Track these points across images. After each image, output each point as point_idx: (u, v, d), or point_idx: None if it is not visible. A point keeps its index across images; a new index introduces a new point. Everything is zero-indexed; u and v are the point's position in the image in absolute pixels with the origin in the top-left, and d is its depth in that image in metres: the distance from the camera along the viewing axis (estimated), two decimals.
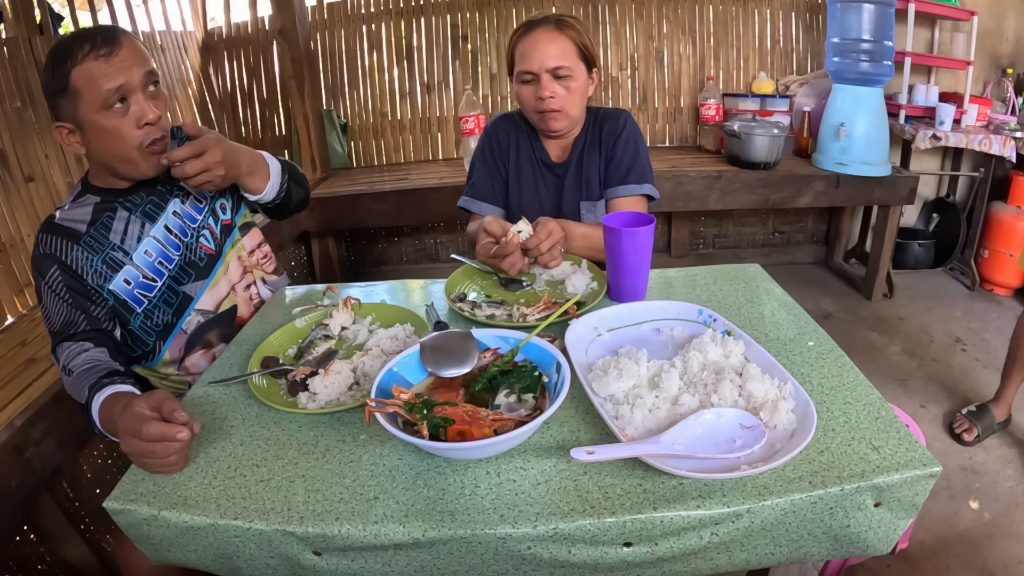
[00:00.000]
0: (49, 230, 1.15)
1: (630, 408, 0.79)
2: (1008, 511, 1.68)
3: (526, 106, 1.41)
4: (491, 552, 0.69)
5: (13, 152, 1.84)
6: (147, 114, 1.08)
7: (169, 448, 0.77)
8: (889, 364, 2.39)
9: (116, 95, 1.05)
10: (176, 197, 1.24)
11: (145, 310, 1.20)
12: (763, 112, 2.97)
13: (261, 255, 1.38)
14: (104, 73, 1.04)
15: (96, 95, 1.05)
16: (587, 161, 1.47)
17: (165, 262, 1.21)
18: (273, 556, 0.72)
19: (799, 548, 0.73)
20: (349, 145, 3.22)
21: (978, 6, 2.78)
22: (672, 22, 3.07)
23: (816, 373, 0.90)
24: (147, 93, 1.09)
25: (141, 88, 1.08)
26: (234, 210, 1.34)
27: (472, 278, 1.27)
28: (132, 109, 1.08)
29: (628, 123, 1.46)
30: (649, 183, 1.45)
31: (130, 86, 1.06)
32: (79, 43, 1.04)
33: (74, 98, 1.06)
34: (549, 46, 1.33)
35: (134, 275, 1.18)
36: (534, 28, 1.35)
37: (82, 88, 1.05)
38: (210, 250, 1.27)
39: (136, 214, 1.19)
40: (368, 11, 3.06)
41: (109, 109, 1.06)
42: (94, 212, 1.17)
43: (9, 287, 1.79)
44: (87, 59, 1.04)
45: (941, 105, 2.69)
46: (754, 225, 3.35)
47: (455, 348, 0.87)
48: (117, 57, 1.05)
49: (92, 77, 1.04)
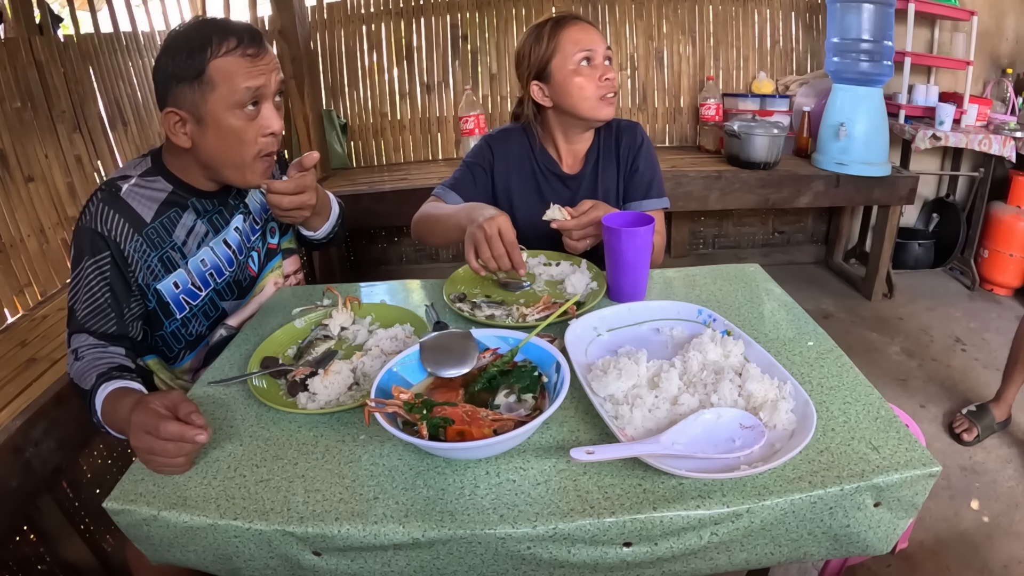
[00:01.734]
0: (112, 203, 1.07)
1: (630, 408, 0.79)
2: (1008, 511, 1.68)
3: (585, 91, 1.33)
4: (491, 552, 0.69)
5: (13, 152, 1.84)
6: (273, 124, 1.07)
7: (182, 449, 0.77)
8: (889, 364, 2.39)
9: (252, 96, 1.03)
10: (240, 213, 1.24)
11: (184, 317, 1.18)
12: (763, 112, 2.97)
13: (295, 281, 1.41)
14: (247, 72, 1.02)
15: (233, 91, 1.02)
16: (603, 173, 1.46)
17: (216, 274, 1.20)
18: (273, 556, 0.72)
19: (799, 548, 0.73)
20: (349, 145, 3.22)
21: (978, 6, 2.78)
22: (672, 22, 3.07)
23: (816, 373, 0.90)
24: (276, 103, 1.08)
25: (273, 96, 1.07)
26: (281, 234, 1.36)
27: (472, 278, 1.27)
28: (262, 114, 1.06)
29: (645, 137, 1.47)
30: (665, 196, 1.47)
31: (267, 91, 1.05)
32: (223, 35, 1.01)
33: (205, 89, 1.02)
34: (597, 33, 1.35)
35: (184, 280, 1.16)
36: (574, 20, 1.36)
37: (219, 81, 1.01)
38: (253, 272, 1.28)
39: (203, 220, 1.17)
40: (368, 11, 3.06)
41: (241, 109, 1.03)
42: (163, 204, 1.12)
43: (9, 287, 1.79)
44: (232, 53, 1.01)
45: (941, 105, 2.69)
46: (754, 225, 3.35)
47: (455, 348, 0.87)
48: (262, 60, 1.04)
49: (233, 73, 1.01)
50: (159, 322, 1.16)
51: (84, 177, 2.11)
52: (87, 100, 2.18)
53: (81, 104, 2.14)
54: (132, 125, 2.42)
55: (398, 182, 2.85)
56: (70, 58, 2.13)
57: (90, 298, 1.05)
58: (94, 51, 2.28)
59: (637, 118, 3.16)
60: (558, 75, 1.35)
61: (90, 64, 2.24)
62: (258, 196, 1.28)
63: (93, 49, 2.27)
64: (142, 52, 2.57)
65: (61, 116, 2.04)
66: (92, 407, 0.95)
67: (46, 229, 1.94)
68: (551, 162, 1.47)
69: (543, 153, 1.47)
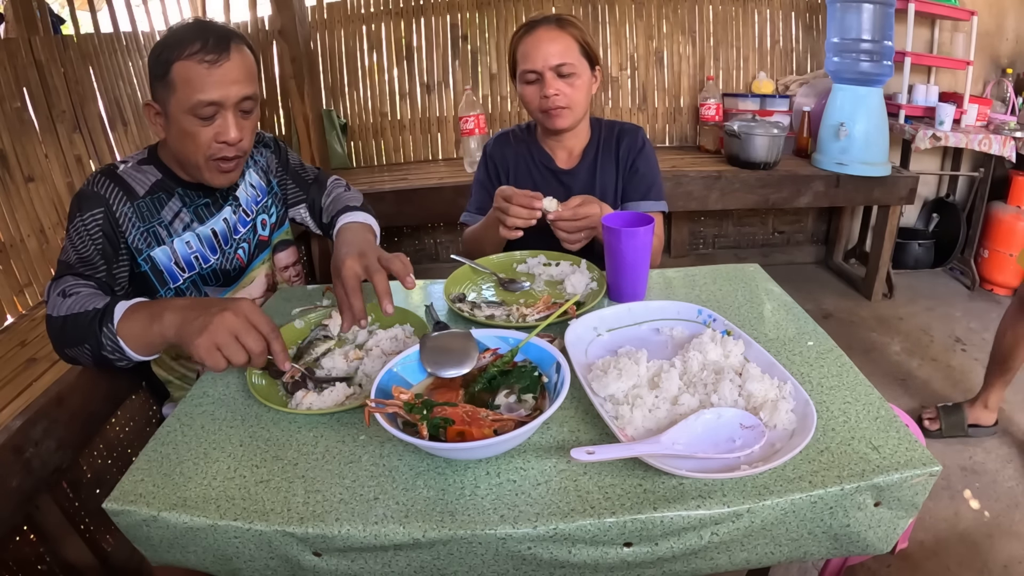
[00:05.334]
0: (108, 174, 1.12)
1: (630, 408, 0.79)
2: (1008, 511, 1.68)
3: (530, 106, 1.40)
4: (491, 552, 0.69)
5: (13, 152, 1.84)
6: (228, 133, 1.06)
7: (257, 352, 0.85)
8: (889, 364, 2.39)
9: (205, 109, 1.03)
10: (229, 206, 1.25)
11: (178, 288, 1.19)
12: (763, 112, 2.97)
13: (294, 272, 1.41)
14: (202, 81, 1.01)
15: (188, 99, 1.02)
16: (601, 171, 1.47)
17: (201, 260, 1.21)
18: (273, 557, 0.72)
19: (799, 548, 0.73)
20: (349, 145, 3.21)
21: (978, 6, 2.78)
22: (672, 22, 3.07)
23: (816, 373, 0.90)
24: (238, 112, 1.07)
25: (233, 107, 1.06)
26: (273, 228, 1.35)
27: (472, 278, 1.27)
28: (217, 123, 1.06)
29: (647, 141, 1.48)
30: (664, 199, 1.48)
31: (223, 104, 1.04)
32: (191, 37, 1.01)
33: (167, 89, 1.03)
34: (552, 44, 1.33)
35: (167, 256, 1.18)
36: (536, 27, 1.35)
37: (178, 84, 1.02)
38: (242, 261, 1.29)
39: (188, 209, 1.19)
40: (368, 11, 3.06)
41: (195, 115, 1.04)
42: (153, 187, 1.15)
43: (9, 287, 1.79)
44: (192, 58, 1.01)
45: (941, 105, 2.69)
46: (754, 225, 3.35)
47: (455, 348, 0.87)
48: (220, 68, 1.02)
49: (189, 80, 1.01)
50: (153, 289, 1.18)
51: (84, 177, 2.11)
52: (87, 100, 2.18)
53: (81, 104, 2.14)
54: (132, 125, 2.42)
55: (398, 182, 2.85)
56: (70, 58, 2.13)
57: (80, 247, 1.06)
58: (94, 51, 2.27)
59: (637, 118, 3.16)
60: (518, 83, 1.41)
61: (90, 64, 2.24)
62: (248, 189, 1.29)
63: (93, 49, 2.27)
64: (142, 52, 2.57)
65: (61, 116, 2.04)
66: (101, 324, 0.93)
67: (46, 229, 1.93)
68: (547, 158, 1.50)
69: (540, 149, 1.50)
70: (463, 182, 2.63)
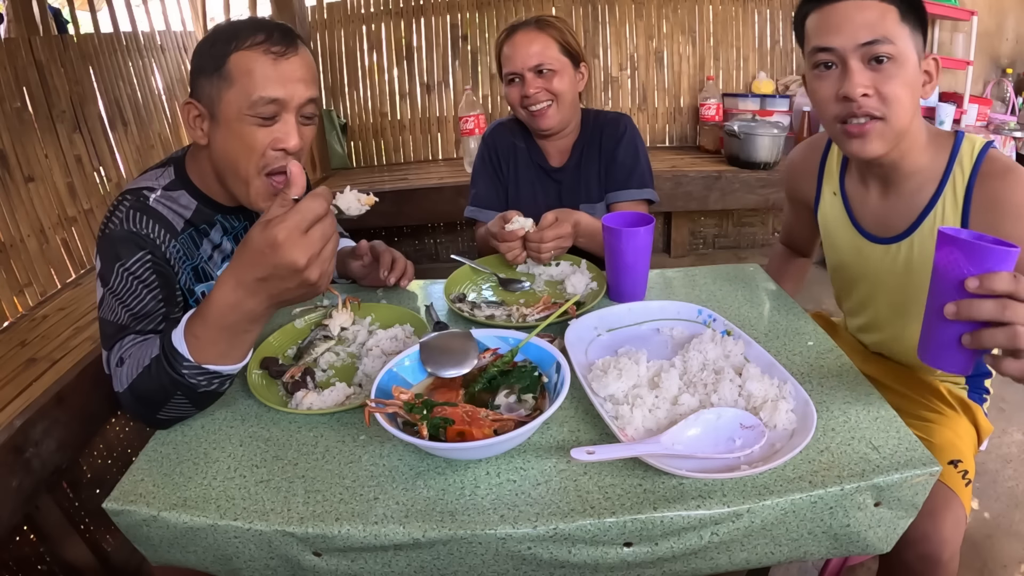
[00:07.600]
0: (140, 208, 0.95)
1: (630, 408, 0.79)
2: (1008, 511, 1.67)
3: (515, 107, 1.43)
4: (491, 552, 0.69)
5: (13, 152, 1.84)
6: (288, 140, 0.93)
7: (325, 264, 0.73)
8: None
9: (268, 107, 0.91)
10: None
11: None
12: (763, 112, 2.97)
13: None
14: (266, 75, 0.90)
15: (248, 94, 0.90)
16: (585, 165, 1.47)
17: None
18: (273, 557, 0.72)
19: (799, 547, 0.73)
20: (349, 145, 3.22)
21: (978, 6, 2.78)
22: (672, 22, 3.07)
23: (816, 373, 0.90)
24: (300, 117, 0.95)
25: (296, 110, 0.94)
26: None
27: (472, 278, 1.27)
28: (276, 126, 0.92)
29: (628, 128, 1.47)
30: (650, 187, 1.46)
31: (287, 104, 0.92)
32: (252, 29, 0.91)
33: (222, 84, 0.91)
34: (530, 46, 1.36)
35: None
36: (515, 31, 1.38)
37: (236, 77, 0.90)
38: None
39: (229, 237, 1.09)
40: (368, 11, 3.06)
41: (253, 115, 0.91)
42: (189, 221, 1.01)
43: (9, 287, 1.79)
44: (255, 48, 0.90)
45: (941, 105, 2.69)
46: (754, 225, 3.35)
47: (455, 348, 0.87)
48: (289, 63, 0.91)
49: (251, 72, 0.90)
50: None
51: (84, 177, 2.11)
52: (87, 100, 2.18)
53: (81, 104, 2.14)
54: (132, 125, 2.42)
55: (398, 182, 2.85)
56: (70, 58, 2.13)
57: (132, 300, 0.90)
58: (94, 51, 2.27)
59: (637, 118, 3.16)
60: (503, 87, 1.43)
61: (90, 64, 2.24)
62: None
63: (93, 49, 2.27)
64: (142, 52, 2.57)
65: (61, 116, 2.04)
66: (172, 368, 0.80)
67: (46, 229, 1.93)
68: (540, 156, 1.51)
69: (535, 147, 1.51)
70: (463, 182, 2.63)
